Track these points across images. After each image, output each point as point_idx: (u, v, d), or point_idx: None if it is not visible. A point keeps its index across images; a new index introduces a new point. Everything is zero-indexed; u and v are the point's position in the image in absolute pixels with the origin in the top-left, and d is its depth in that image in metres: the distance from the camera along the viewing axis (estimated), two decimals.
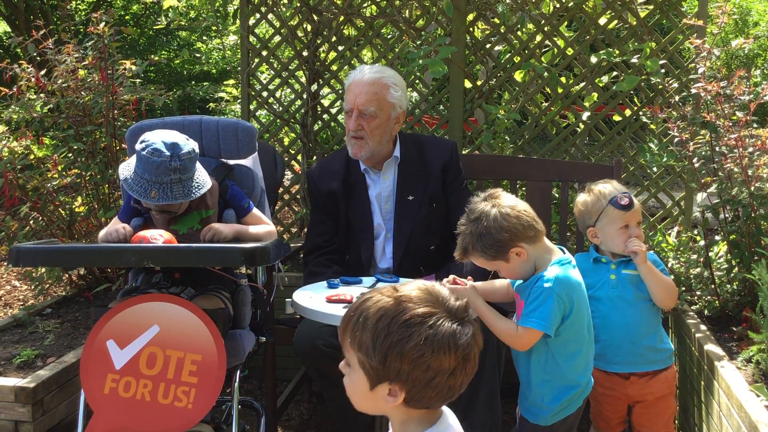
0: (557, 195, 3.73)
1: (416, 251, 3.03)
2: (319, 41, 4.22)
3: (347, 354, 1.41)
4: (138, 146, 2.48)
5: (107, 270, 3.85)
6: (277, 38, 4.34)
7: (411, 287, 1.40)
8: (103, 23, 3.70)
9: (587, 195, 2.70)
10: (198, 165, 2.60)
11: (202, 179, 2.58)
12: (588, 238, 2.73)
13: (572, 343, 2.29)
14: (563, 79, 4.16)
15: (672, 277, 3.17)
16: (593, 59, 3.76)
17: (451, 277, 2.38)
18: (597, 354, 2.59)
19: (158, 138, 2.48)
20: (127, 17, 11.17)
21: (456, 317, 1.36)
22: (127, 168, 2.53)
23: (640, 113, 3.83)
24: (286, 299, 2.52)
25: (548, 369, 2.28)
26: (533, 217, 2.26)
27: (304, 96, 4.28)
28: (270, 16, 4.29)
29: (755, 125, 2.94)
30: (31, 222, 3.84)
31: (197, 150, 2.57)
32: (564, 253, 2.31)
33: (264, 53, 4.34)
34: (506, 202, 2.24)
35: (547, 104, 4.12)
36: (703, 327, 2.92)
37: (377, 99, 2.92)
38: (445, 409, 1.44)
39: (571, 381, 2.30)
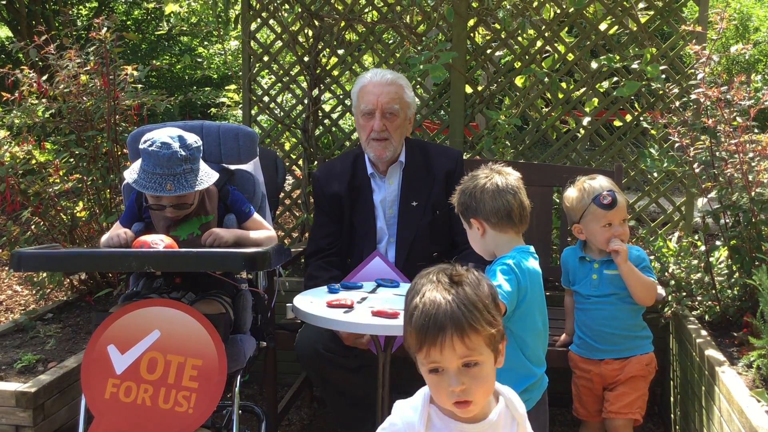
0: (558, 200, 3.73)
1: (419, 257, 3.01)
2: (320, 46, 4.23)
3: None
4: (143, 145, 2.50)
5: (108, 275, 3.85)
6: (279, 43, 4.35)
7: None
8: (105, 28, 3.71)
9: (574, 190, 2.75)
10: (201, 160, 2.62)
11: (209, 170, 2.62)
12: (574, 234, 2.79)
13: (528, 327, 2.23)
14: (564, 85, 4.16)
15: (672, 281, 3.18)
16: (594, 65, 3.77)
17: None
18: (577, 343, 2.79)
19: (162, 134, 2.52)
20: (128, 22, 11.17)
21: None
22: (131, 172, 2.54)
23: (641, 118, 3.84)
24: (287, 304, 2.53)
25: (508, 354, 2.21)
26: (509, 212, 2.23)
27: (306, 101, 4.28)
28: (271, 21, 4.30)
29: (755, 130, 2.95)
30: (33, 227, 3.84)
31: (200, 142, 2.60)
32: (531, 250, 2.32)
33: (265, 58, 4.35)
34: (495, 182, 2.26)
35: (547, 109, 4.13)
36: (703, 332, 2.92)
37: (398, 98, 2.97)
38: None
39: (528, 370, 2.24)
